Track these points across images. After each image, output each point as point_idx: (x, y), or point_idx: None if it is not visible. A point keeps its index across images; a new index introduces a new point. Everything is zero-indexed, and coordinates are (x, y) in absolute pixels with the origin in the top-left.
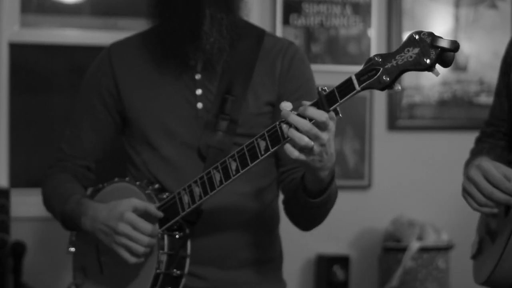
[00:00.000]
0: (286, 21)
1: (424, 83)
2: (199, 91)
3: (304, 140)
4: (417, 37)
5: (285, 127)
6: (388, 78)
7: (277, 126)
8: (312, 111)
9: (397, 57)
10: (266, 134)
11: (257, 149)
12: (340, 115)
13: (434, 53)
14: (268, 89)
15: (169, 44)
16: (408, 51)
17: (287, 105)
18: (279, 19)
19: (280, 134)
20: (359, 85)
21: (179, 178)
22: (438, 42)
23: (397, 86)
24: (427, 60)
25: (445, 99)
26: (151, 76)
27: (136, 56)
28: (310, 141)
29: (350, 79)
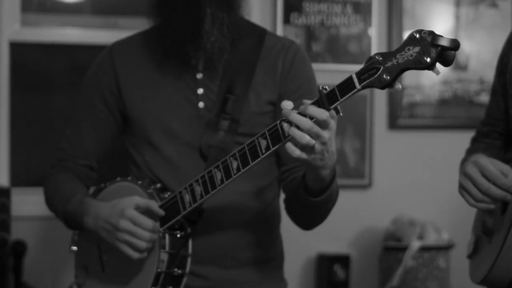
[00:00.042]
0: (287, 20)
1: (425, 82)
2: (200, 91)
3: (305, 138)
4: (417, 35)
5: (286, 126)
6: (389, 77)
7: (278, 125)
8: (312, 109)
9: (397, 56)
10: (267, 133)
11: (258, 148)
12: (341, 113)
13: (434, 51)
14: (270, 88)
15: (170, 43)
16: (409, 49)
17: (288, 104)
18: (279, 18)
19: (281, 133)
20: (359, 83)
21: (180, 177)
22: (439, 41)
23: (398, 85)
24: (427, 59)
25: (446, 98)
26: (153, 75)
27: (137, 55)
28: (311, 139)
29: (350, 78)
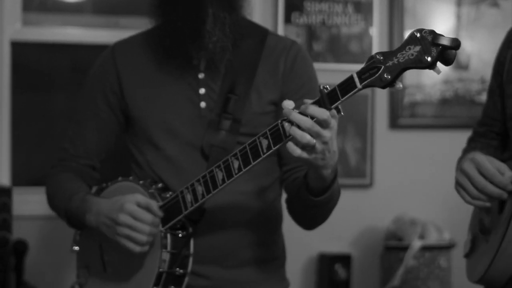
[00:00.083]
0: (288, 20)
1: (426, 81)
2: (202, 90)
3: (305, 137)
4: (418, 35)
5: (287, 125)
6: (390, 76)
7: (279, 124)
8: (313, 109)
9: (398, 55)
10: (268, 133)
11: (259, 147)
12: (342, 113)
13: (435, 51)
14: (271, 88)
15: (172, 43)
16: (410, 49)
17: (289, 104)
18: (281, 17)
19: (282, 132)
20: (360, 83)
21: (182, 177)
22: (439, 40)
23: (399, 84)
24: (428, 58)
25: (447, 98)
26: (155, 75)
27: (139, 55)
28: (312, 139)
29: (351, 77)
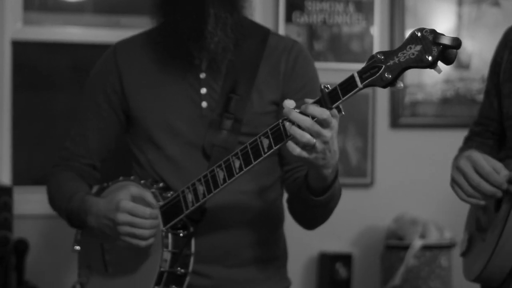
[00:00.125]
0: (289, 19)
1: (427, 81)
2: (203, 90)
3: (305, 137)
4: (419, 34)
5: (288, 125)
6: (390, 76)
7: (280, 124)
8: (313, 108)
9: (399, 55)
10: (269, 132)
11: (260, 147)
12: (343, 112)
13: (436, 50)
14: (273, 88)
15: (173, 43)
16: (410, 48)
17: (290, 103)
18: (281, 16)
19: (283, 132)
20: (361, 82)
21: (183, 177)
22: (440, 39)
23: (400, 84)
24: (429, 57)
25: (448, 97)
26: (156, 74)
27: (141, 54)
28: (311, 138)
29: (352, 77)
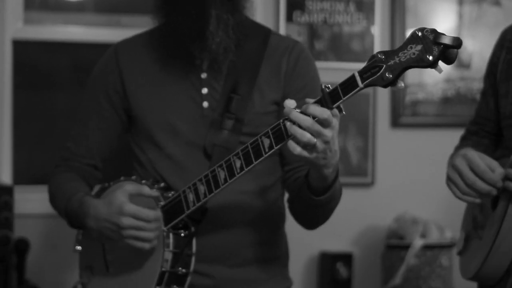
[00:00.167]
0: (290, 18)
1: (428, 80)
2: (205, 90)
3: (306, 136)
4: (420, 34)
5: (289, 125)
6: (391, 75)
7: (281, 124)
8: (313, 108)
9: (400, 54)
10: (270, 132)
11: (261, 146)
12: (344, 112)
13: (437, 50)
14: (274, 88)
15: (174, 44)
16: (411, 48)
17: (291, 103)
18: (282, 16)
19: (284, 131)
20: (362, 82)
21: (184, 176)
22: (441, 39)
23: (400, 83)
24: (430, 57)
25: (449, 96)
26: (157, 74)
27: (142, 54)
28: (312, 137)
29: (353, 76)
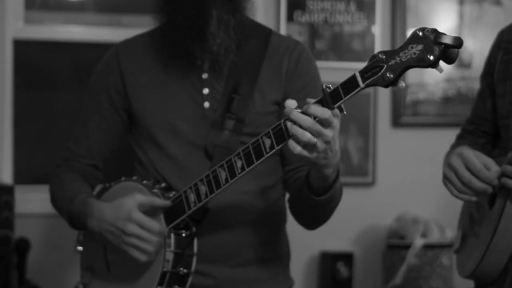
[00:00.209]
0: (290, 18)
1: (428, 80)
2: (206, 91)
3: (306, 136)
4: (420, 33)
5: (290, 125)
6: (392, 75)
7: (282, 124)
8: (314, 108)
9: (400, 54)
10: (271, 132)
11: (262, 147)
12: (345, 112)
13: (437, 49)
14: (275, 88)
15: (175, 44)
16: (412, 47)
17: (292, 103)
18: (283, 15)
19: (285, 132)
20: (363, 82)
21: (185, 177)
22: (442, 39)
23: (401, 83)
24: (430, 57)
25: (449, 96)
26: (158, 75)
27: (143, 55)
28: (312, 137)
29: (354, 76)
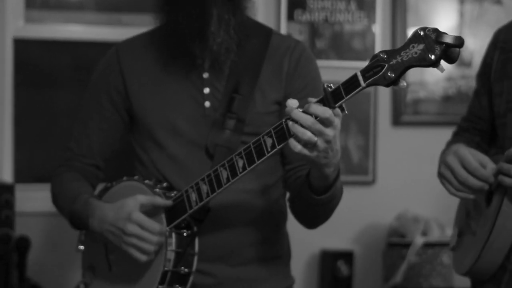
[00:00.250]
0: (291, 17)
1: (429, 78)
2: (206, 90)
3: (306, 134)
4: (422, 33)
5: (291, 124)
6: (393, 75)
7: (283, 123)
8: (315, 107)
9: (402, 53)
10: (273, 131)
11: (263, 146)
12: (346, 111)
13: (439, 49)
14: (275, 87)
15: (176, 44)
16: (413, 47)
17: (293, 103)
18: (283, 14)
19: (286, 131)
20: (364, 81)
21: (186, 176)
22: (443, 38)
23: (402, 83)
24: (432, 56)
25: (450, 95)
26: (159, 74)
27: (144, 54)
28: (312, 136)
29: (355, 76)
